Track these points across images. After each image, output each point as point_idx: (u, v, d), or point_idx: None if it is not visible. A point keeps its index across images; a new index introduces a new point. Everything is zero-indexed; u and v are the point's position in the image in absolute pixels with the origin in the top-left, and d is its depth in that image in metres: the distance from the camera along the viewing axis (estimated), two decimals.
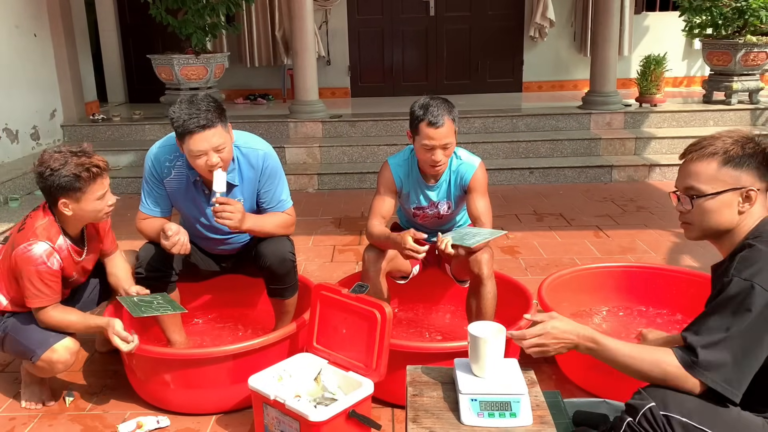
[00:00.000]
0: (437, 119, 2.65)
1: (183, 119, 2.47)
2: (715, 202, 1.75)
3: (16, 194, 5.32)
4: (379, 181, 2.92)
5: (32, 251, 2.45)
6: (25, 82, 6.28)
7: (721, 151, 1.75)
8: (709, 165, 1.76)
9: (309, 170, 6.28)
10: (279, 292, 2.87)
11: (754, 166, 1.73)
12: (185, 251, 2.60)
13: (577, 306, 3.22)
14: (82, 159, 2.44)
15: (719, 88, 7.10)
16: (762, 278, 1.60)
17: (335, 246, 4.61)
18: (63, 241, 2.56)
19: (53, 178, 2.40)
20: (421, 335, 3.17)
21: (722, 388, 1.59)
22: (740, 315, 1.59)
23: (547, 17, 8.43)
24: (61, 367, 2.57)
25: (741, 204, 1.74)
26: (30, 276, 2.46)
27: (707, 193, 1.75)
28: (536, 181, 6.24)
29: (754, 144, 1.75)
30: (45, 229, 2.51)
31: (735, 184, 1.74)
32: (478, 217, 2.80)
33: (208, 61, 6.77)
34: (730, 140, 1.76)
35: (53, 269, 2.49)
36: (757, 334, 1.59)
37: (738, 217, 1.75)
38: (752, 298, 1.59)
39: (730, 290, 1.62)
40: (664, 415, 1.60)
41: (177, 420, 2.60)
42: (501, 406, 1.80)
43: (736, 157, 1.73)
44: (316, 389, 2.37)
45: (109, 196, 2.55)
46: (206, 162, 2.53)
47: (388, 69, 8.89)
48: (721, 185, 1.74)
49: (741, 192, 1.74)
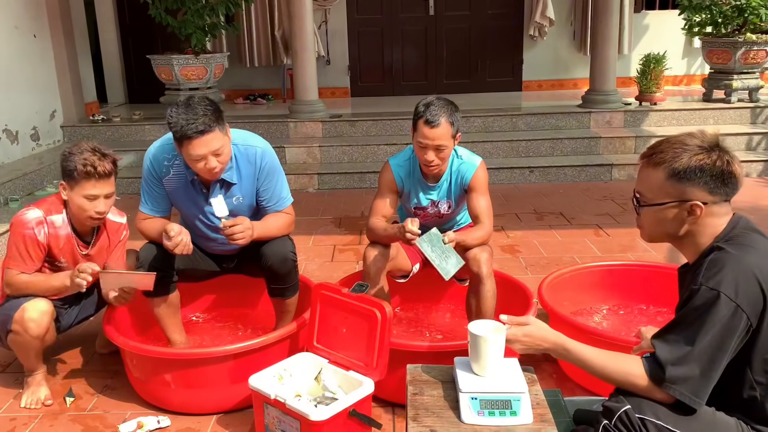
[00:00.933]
0: (434, 119, 2.67)
1: (181, 125, 2.48)
2: (659, 212, 1.70)
3: (16, 195, 5.32)
4: (380, 182, 2.93)
5: (25, 215, 2.64)
6: (25, 82, 6.28)
7: (668, 161, 1.67)
8: (656, 174, 1.69)
9: (309, 170, 6.28)
10: (280, 291, 2.87)
11: (702, 180, 1.64)
12: (188, 251, 2.60)
13: (578, 304, 3.22)
14: (90, 157, 2.57)
15: (719, 87, 7.10)
16: (727, 286, 1.56)
17: (335, 245, 4.61)
18: (62, 221, 2.68)
19: (65, 159, 2.61)
20: (421, 334, 3.17)
21: (689, 400, 1.59)
22: (707, 326, 1.56)
23: (546, 16, 8.43)
24: (33, 326, 2.57)
25: (686, 217, 1.67)
26: (15, 237, 2.62)
27: (651, 203, 1.71)
28: (536, 180, 6.24)
29: (705, 156, 1.64)
30: (47, 203, 2.70)
31: (679, 197, 1.66)
32: (477, 216, 2.81)
33: (207, 62, 6.77)
34: (681, 149, 1.66)
35: (38, 238, 2.61)
36: (722, 343, 1.57)
37: (688, 227, 1.69)
38: (718, 308, 1.55)
39: (697, 300, 1.58)
40: (639, 418, 1.62)
41: (177, 420, 2.60)
42: (501, 405, 1.80)
43: (681, 171, 1.65)
44: (316, 388, 2.37)
45: (99, 202, 2.60)
46: (205, 165, 2.54)
47: (387, 68, 8.89)
48: (664, 196, 1.68)
49: (685, 206, 1.66)
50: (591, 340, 2.62)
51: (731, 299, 1.56)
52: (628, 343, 2.37)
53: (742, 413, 1.67)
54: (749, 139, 6.51)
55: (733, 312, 1.56)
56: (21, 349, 2.68)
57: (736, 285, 1.57)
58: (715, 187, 1.65)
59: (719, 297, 1.56)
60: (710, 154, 1.65)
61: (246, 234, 2.58)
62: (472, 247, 2.74)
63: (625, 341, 2.45)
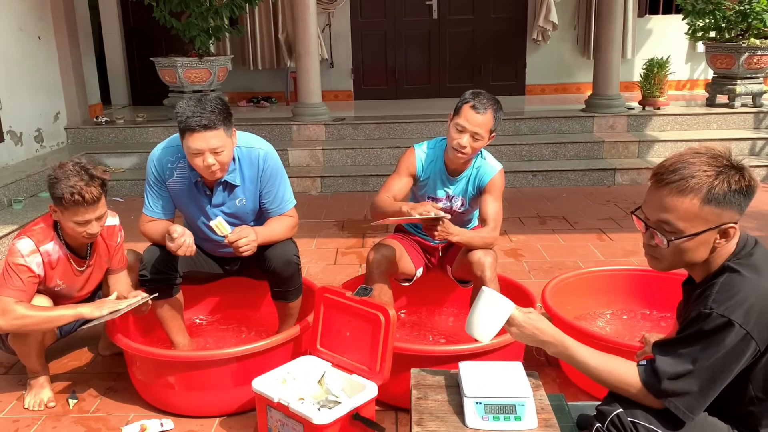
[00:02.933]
0: (482, 106, 2.74)
1: (186, 116, 2.50)
2: (694, 242, 1.59)
3: (19, 196, 5.32)
4: (400, 162, 2.94)
5: (17, 244, 2.59)
6: (29, 84, 6.30)
7: (705, 187, 1.55)
8: (689, 201, 1.56)
9: (312, 173, 6.29)
10: (283, 295, 2.87)
11: (737, 201, 1.57)
12: (191, 253, 2.60)
13: (581, 309, 3.21)
14: (77, 183, 2.47)
15: (722, 91, 7.10)
16: (740, 314, 1.52)
17: (338, 249, 4.61)
18: (54, 248, 2.63)
19: (52, 186, 2.53)
20: (425, 338, 3.17)
21: (683, 414, 1.58)
22: (712, 349, 1.54)
23: (549, 20, 8.43)
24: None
25: (718, 240, 1.60)
26: (6, 265, 2.57)
27: (686, 234, 1.58)
28: (539, 184, 6.24)
29: (738, 175, 1.57)
30: (39, 232, 2.63)
31: (716, 222, 1.57)
32: (486, 219, 2.81)
33: (211, 64, 6.78)
34: (713, 171, 1.56)
35: (30, 267, 2.56)
36: (726, 366, 1.55)
37: (711, 251, 1.63)
38: (728, 335, 1.52)
39: (707, 324, 1.54)
40: (631, 422, 1.62)
41: (180, 422, 2.59)
42: (506, 410, 1.80)
43: (721, 195, 1.55)
44: (319, 392, 2.37)
45: (92, 226, 2.56)
46: (203, 162, 2.54)
47: (391, 72, 8.90)
48: (702, 224, 1.57)
49: (720, 229, 1.59)
50: (594, 344, 2.61)
51: (742, 327, 1.52)
52: (632, 348, 2.36)
53: (737, 423, 1.67)
54: (752, 144, 6.50)
55: (741, 338, 1.53)
56: (22, 351, 2.68)
57: (748, 311, 1.53)
58: (745, 205, 1.60)
59: (730, 325, 1.52)
60: (742, 172, 1.58)
61: (251, 244, 2.59)
62: (476, 248, 2.74)
63: (629, 346, 2.45)
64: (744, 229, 1.68)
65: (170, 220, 2.79)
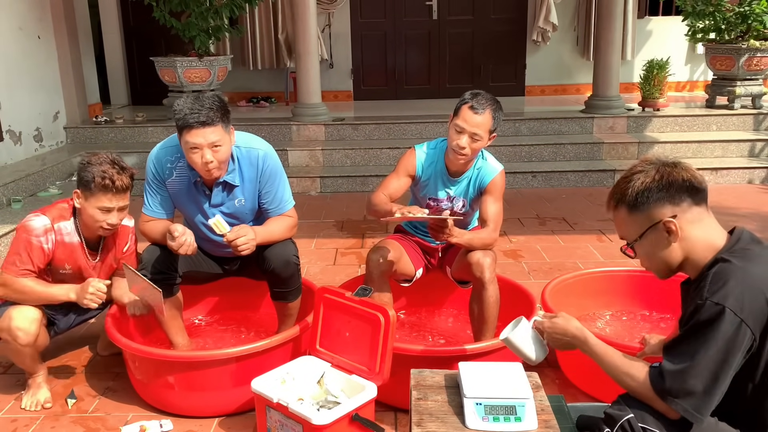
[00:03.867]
0: (480, 106, 2.73)
1: (184, 112, 2.50)
2: (644, 246, 1.72)
3: (18, 196, 5.31)
4: (399, 162, 2.94)
5: (32, 221, 2.62)
6: (29, 83, 6.29)
7: (620, 198, 1.72)
8: (620, 214, 1.74)
9: (311, 173, 6.28)
10: (283, 295, 2.87)
11: (655, 197, 1.66)
12: (192, 252, 2.60)
13: (581, 310, 3.21)
14: (109, 170, 2.57)
15: (722, 93, 7.11)
16: (733, 301, 1.53)
17: (338, 249, 4.61)
18: (71, 226, 2.68)
19: (83, 168, 2.60)
20: (425, 338, 3.16)
21: (691, 415, 1.57)
22: (710, 342, 1.54)
23: (549, 21, 8.44)
24: (21, 335, 2.55)
25: (669, 237, 1.67)
26: (19, 242, 2.60)
27: (634, 240, 1.73)
28: (539, 185, 6.24)
29: (643, 176, 1.68)
30: (55, 209, 2.68)
31: (649, 222, 1.69)
32: (486, 220, 2.80)
33: (211, 64, 6.78)
34: (625, 182, 1.71)
35: (43, 246, 2.60)
36: (727, 358, 1.55)
37: (679, 247, 1.69)
38: (723, 323, 1.53)
39: (702, 315, 1.56)
40: (642, 428, 1.61)
41: (179, 423, 2.59)
42: (506, 410, 1.79)
43: (632, 200, 1.69)
44: (319, 392, 2.36)
45: (113, 215, 2.61)
46: (201, 158, 2.54)
47: (390, 72, 8.90)
48: (638, 229, 1.71)
49: (660, 228, 1.67)
50: None
51: (736, 314, 1.53)
52: (632, 349, 2.36)
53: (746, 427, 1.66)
54: (752, 145, 6.50)
55: (737, 327, 1.53)
56: (14, 355, 2.68)
57: (741, 299, 1.54)
58: (672, 196, 1.66)
59: (724, 312, 1.53)
60: (647, 172, 1.69)
61: (250, 243, 2.58)
62: (476, 249, 2.73)
63: (629, 347, 2.44)
64: None
65: (170, 220, 2.78)
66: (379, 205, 2.76)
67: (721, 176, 6.21)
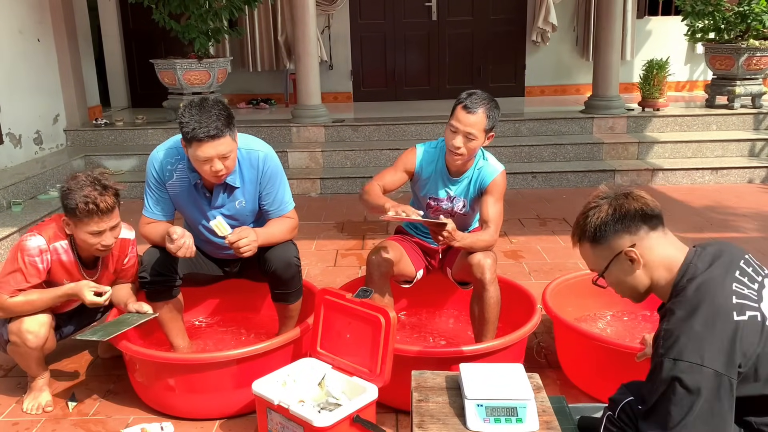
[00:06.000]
0: (473, 106, 2.72)
1: (193, 126, 2.48)
2: (612, 274, 1.76)
3: (18, 199, 5.32)
4: (399, 158, 2.96)
5: (28, 242, 2.58)
6: (29, 86, 6.29)
7: (581, 234, 1.77)
8: (584, 249, 1.79)
9: (311, 175, 6.28)
10: (283, 296, 2.86)
11: (612, 230, 1.71)
12: (191, 254, 2.59)
13: (582, 311, 3.21)
14: (91, 193, 2.49)
15: (722, 93, 7.11)
16: (690, 353, 1.49)
17: (338, 250, 4.61)
18: (66, 245, 2.63)
19: (65, 196, 2.53)
20: (425, 340, 3.16)
21: None
22: (684, 405, 1.48)
23: (549, 21, 8.44)
24: (31, 338, 2.55)
25: (633, 266, 1.71)
26: (14, 262, 2.57)
27: (601, 273, 1.78)
28: (539, 186, 6.24)
29: (597, 211, 1.73)
30: (51, 228, 2.64)
31: (612, 253, 1.72)
32: (487, 221, 2.80)
33: (210, 66, 6.78)
34: (583, 218, 1.76)
35: (37, 266, 2.57)
36: (713, 409, 1.48)
37: (644, 275, 1.71)
38: (691, 379, 1.47)
39: (666, 374, 1.51)
40: (639, 408, 1.63)
41: (180, 425, 2.59)
42: (507, 412, 1.79)
43: (591, 235, 1.74)
44: (320, 394, 2.36)
45: (105, 236, 2.58)
46: (211, 168, 2.54)
47: (390, 73, 8.90)
48: (603, 262, 1.75)
49: (622, 258, 1.71)
50: (595, 346, 2.62)
51: (703, 366, 1.48)
52: (632, 349, 2.36)
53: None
54: (752, 145, 6.50)
55: (714, 378, 1.48)
56: (20, 358, 2.68)
57: (699, 348, 1.49)
58: (628, 227, 1.71)
59: (691, 368, 1.48)
60: (601, 207, 1.74)
61: (251, 244, 2.58)
62: (477, 251, 2.73)
63: (629, 348, 2.45)
64: (744, 229, 1.69)
65: (170, 222, 2.78)
66: (371, 194, 2.76)
67: (721, 176, 6.21)
